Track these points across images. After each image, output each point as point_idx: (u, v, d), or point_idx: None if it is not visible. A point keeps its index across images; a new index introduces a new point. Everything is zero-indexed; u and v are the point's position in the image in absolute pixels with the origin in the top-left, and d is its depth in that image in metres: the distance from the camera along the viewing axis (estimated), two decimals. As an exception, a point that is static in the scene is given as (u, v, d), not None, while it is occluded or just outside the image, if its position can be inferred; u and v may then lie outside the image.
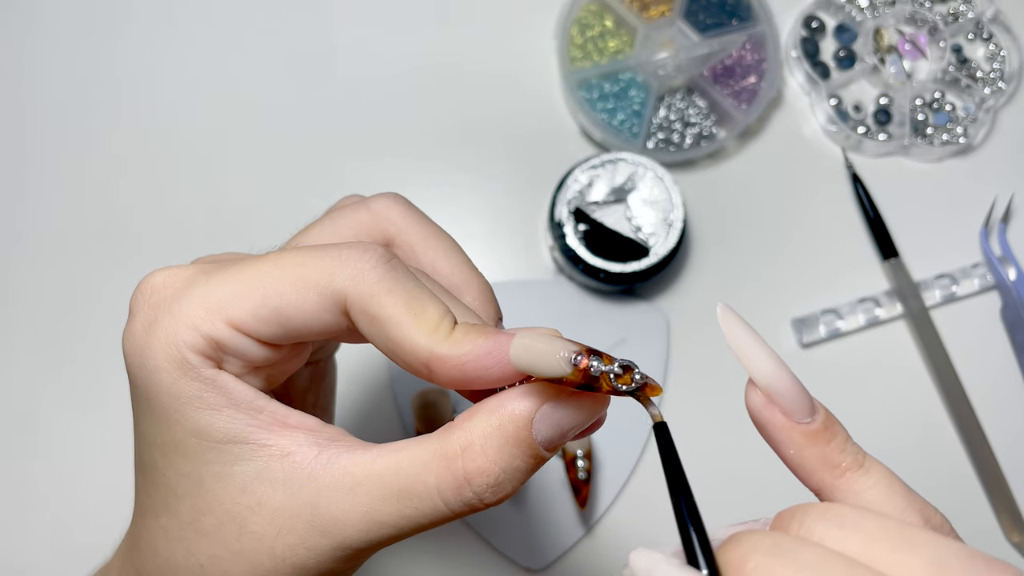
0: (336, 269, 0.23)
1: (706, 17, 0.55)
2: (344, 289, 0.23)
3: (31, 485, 0.49)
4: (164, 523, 0.26)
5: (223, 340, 0.24)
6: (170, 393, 0.24)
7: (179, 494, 0.25)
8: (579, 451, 0.47)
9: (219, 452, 0.24)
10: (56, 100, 0.54)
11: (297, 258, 0.24)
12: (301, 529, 0.24)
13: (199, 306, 0.24)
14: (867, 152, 0.55)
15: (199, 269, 0.25)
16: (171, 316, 0.24)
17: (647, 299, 0.52)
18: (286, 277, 0.23)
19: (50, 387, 0.50)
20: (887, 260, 0.53)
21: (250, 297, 0.23)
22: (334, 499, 0.24)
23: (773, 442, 0.23)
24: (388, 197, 0.29)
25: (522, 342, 0.22)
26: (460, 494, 0.23)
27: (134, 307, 0.25)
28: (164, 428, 0.25)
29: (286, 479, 0.24)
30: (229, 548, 0.25)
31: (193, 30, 0.56)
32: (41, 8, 0.55)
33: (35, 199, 0.53)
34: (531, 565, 0.48)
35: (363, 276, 0.23)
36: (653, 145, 0.53)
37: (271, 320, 0.24)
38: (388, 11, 0.56)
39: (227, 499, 0.25)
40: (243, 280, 0.24)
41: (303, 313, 0.24)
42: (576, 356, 0.22)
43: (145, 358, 0.24)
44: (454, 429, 0.24)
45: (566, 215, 0.49)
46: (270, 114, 0.54)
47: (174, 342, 0.24)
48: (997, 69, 0.56)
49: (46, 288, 0.51)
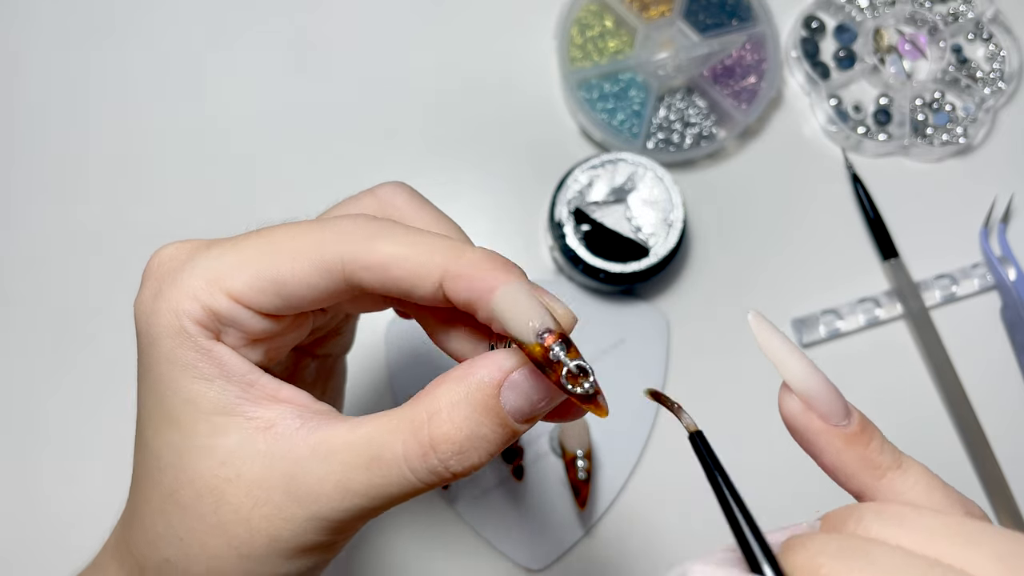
0: (325, 236, 0.24)
1: (706, 17, 0.55)
2: (337, 252, 0.24)
3: (31, 485, 0.49)
4: (148, 496, 0.26)
5: (221, 311, 0.24)
6: (168, 360, 0.25)
7: (162, 466, 0.26)
8: (579, 451, 0.47)
9: (207, 423, 0.25)
10: (57, 100, 0.54)
11: (290, 231, 0.25)
12: (278, 499, 0.25)
13: (200, 277, 0.24)
14: (867, 152, 0.55)
15: (203, 242, 0.25)
16: (174, 286, 0.24)
17: (647, 299, 0.52)
18: (281, 249, 0.24)
19: (50, 387, 0.50)
20: (887, 260, 0.53)
21: (247, 268, 0.24)
22: (310, 468, 0.24)
23: (811, 447, 0.23)
24: (392, 184, 0.30)
25: (512, 290, 0.23)
26: (425, 461, 0.24)
27: (144, 277, 0.26)
28: (159, 397, 0.25)
29: (267, 451, 0.25)
30: (206, 521, 0.25)
31: (193, 30, 0.56)
32: (40, 6, 0.55)
33: (35, 199, 0.53)
34: (531, 565, 0.48)
35: (352, 235, 0.24)
36: (653, 145, 0.53)
37: (268, 291, 0.24)
38: (388, 11, 0.56)
39: (206, 471, 0.25)
40: (240, 252, 0.24)
41: (299, 281, 0.24)
42: (546, 332, 0.22)
43: (150, 325, 0.25)
44: (423, 396, 0.24)
45: (566, 215, 0.49)
46: (270, 114, 0.54)
47: (175, 310, 0.24)
48: (997, 69, 0.56)
49: (46, 288, 0.51)
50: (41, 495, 0.49)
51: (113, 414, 0.50)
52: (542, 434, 0.49)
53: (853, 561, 0.18)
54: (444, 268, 0.23)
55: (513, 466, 0.48)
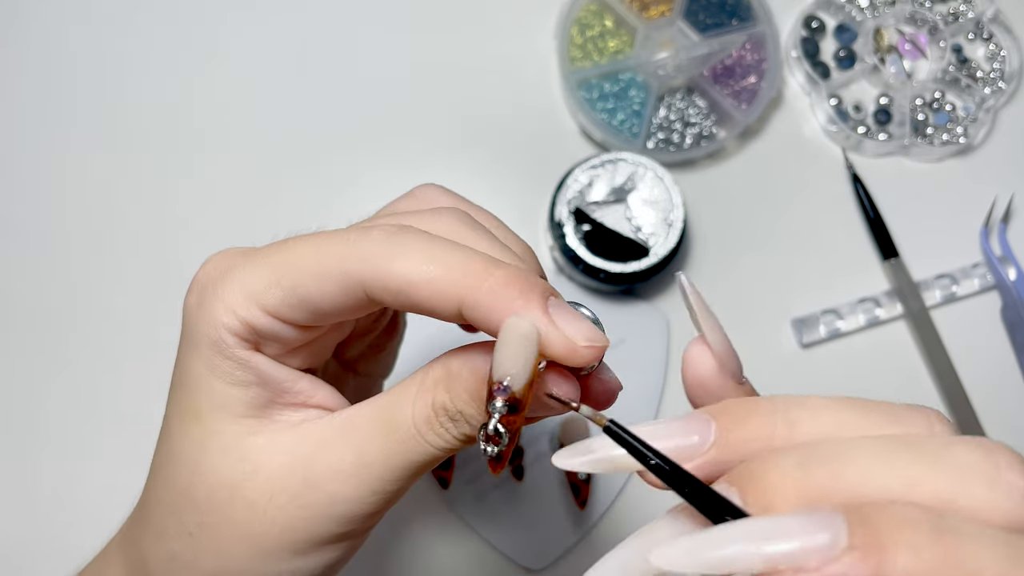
0: (347, 253, 0.24)
1: (706, 17, 0.55)
2: (357, 273, 0.23)
3: (31, 486, 0.49)
4: (161, 492, 0.27)
5: (259, 325, 0.25)
6: (207, 363, 0.25)
7: (182, 460, 0.26)
8: (579, 451, 0.47)
9: (237, 425, 0.25)
10: (57, 97, 0.54)
11: (316, 246, 0.24)
12: (295, 487, 0.25)
13: (238, 291, 0.25)
14: (867, 152, 0.55)
15: (241, 253, 0.26)
16: (215, 298, 0.25)
17: (647, 299, 0.52)
18: (307, 267, 0.24)
19: (49, 388, 0.50)
20: (887, 260, 0.53)
21: (278, 285, 0.24)
22: (332, 448, 0.25)
23: (709, 400, 0.23)
24: (428, 185, 0.31)
25: (511, 329, 0.22)
26: (430, 425, 0.24)
27: (193, 282, 0.26)
28: (190, 395, 0.26)
29: (290, 443, 0.25)
30: (218, 514, 0.25)
31: (193, 30, 0.56)
32: (42, 7, 0.55)
33: (36, 198, 0.53)
34: (531, 565, 0.48)
35: (372, 253, 0.23)
36: (653, 145, 0.53)
37: (300, 307, 0.24)
38: (388, 11, 0.56)
39: (224, 467, 0.25)
40: (272, 269, 0.25)
41: (325, 300, 0.24)
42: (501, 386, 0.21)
43: (193, 330, 0.25)
44: (435, 364, 0.25)
45: (566, 215, 0.49)
46: (270, 114, 0.54)
47: (215, 322, 0.25)
48: (997, 69, 0.56)
49: (46, 288, 0.51)
50: (41, 495, 0.49)
51: (113, 415, 0.50)
52: (542, 434, 0.49)
53: (823, 466, 0.18)
54: (462, 297, 0.23)
55: (513, 466, 0.48)
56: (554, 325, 0.22)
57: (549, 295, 0.23)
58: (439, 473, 0.48)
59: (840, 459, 0.18)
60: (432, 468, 0.26)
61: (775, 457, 0.18)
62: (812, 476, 0.18)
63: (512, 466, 0.48)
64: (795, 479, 0.18)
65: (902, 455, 0.17)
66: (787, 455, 0.18)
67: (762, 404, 0.20)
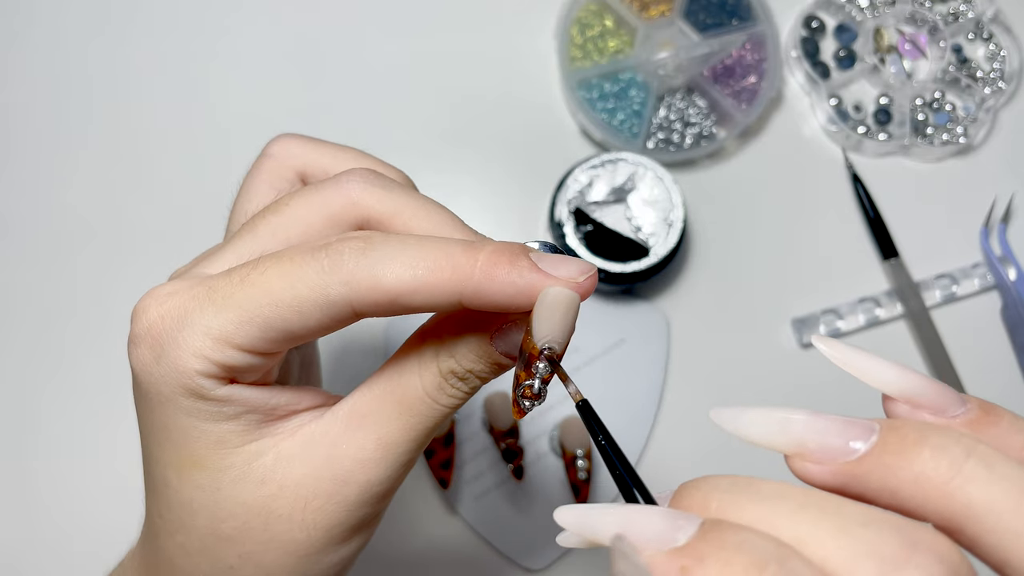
0: (323, 280, 0.23)
1: (706, 17, 0.55)
2: (343, 296, 0.23)
3: (32, 485, 0.49)
4: (181, 540, 0.26)
5: (233, 363, 0.24)
6: (187, 413, 0.25)
7: (194, 509, 0.26)
8: (579, 451, 0.47)
9: (239, 455, 0.25)
10: (54, 99, 0.54)
11: (284, 275, 0.23)
12: (326, 487, 0.25)
13: (203, 335, 0.24)
14: (867, 152, 0.55)
15: (190, 296, 0.24)
16: (176, 347, 0.24)
17: (647, 299, 0.52)
18: (283, 301, 0.23)
19: (50, 388, 0.50)
20: (887, 260, 0.53)
21: (253, 324, 0.24)
22: (349, 440, 0.25)
23: None
24: (281, 138, 0.30)
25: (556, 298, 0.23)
26: (442, 389, 0.25)
27: (136, 337, 0.25)
28: (181, 447, 0.25)
29: (301, 450, 0.25)
30: (257, 540, 0.25)
31: (192, 30, 0.56)
32: (42, 5, 0.55)
33: (35, 198, 0.53)
34: (531, 565, 0.48)
35: (351, 275, 0.23)
36: (653, 145, 0.53)
37: (279, 339, 0.24)
38: (388, 11, 0.56)
39: (248, 496, 0.25)
40: (239, 308, 0.24)
41: (309, 327, 0.24)
42: (549, 348, 0.23)
43: (158, 388, 0.24)
44: (426, 335, 0.26)
45: (566, 215, 0.49)
46: (269, 114, 0.54)
47: (185, 371, 0.24)
48: (997, 69, 0.56)
49: (45, 288, 0.51)
50: (40, 495, 0.49)
51: (113, 415, 0.50)
52: (542, 434, 0.49)
53: (740, 494, 0.18)
54: (459, 290, 0.23)
55: (513, 466, 0.48)
56: (553, 276, 0.23)
57: (528, 252, 0.23)
58: (439, 473, 0.48)
59: (759, 496, 0.18)
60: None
61: (710, 479, 0.19)
62: (721, 497, 0.18)
63: (512, 466, 0.48)
64: (707, 496, 0.18)
65: (817, 513, 0.17)
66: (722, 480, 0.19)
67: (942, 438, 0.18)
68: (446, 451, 0.48)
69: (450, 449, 0.48)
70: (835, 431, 0.19)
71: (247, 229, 0.26)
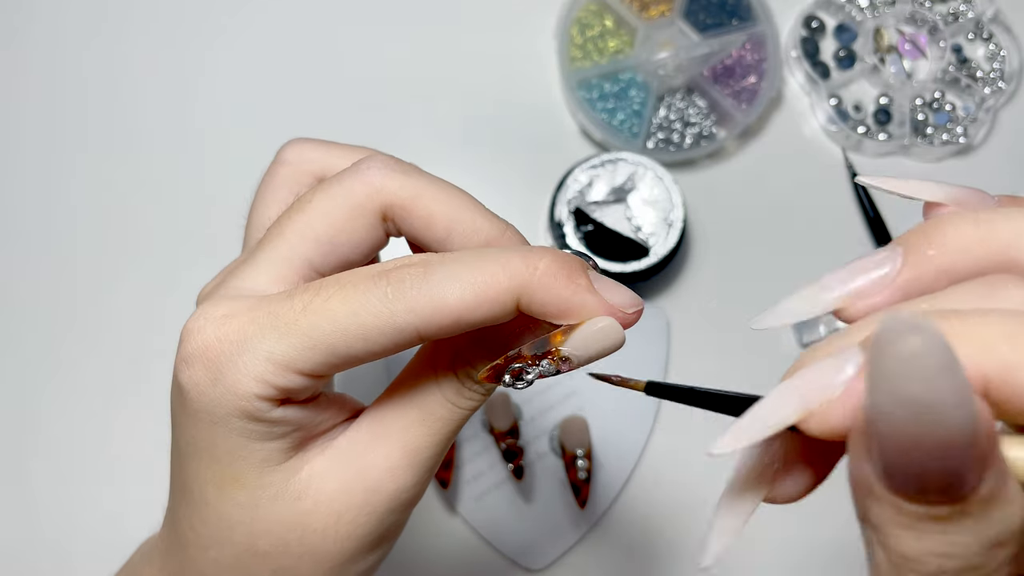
0: (388, 308, 0.23)
1: (706, 17, 0.55)
2: (408, 324, 0.23)
3: (32, 485, 0.49)
4: (215, 555, 0.26)
5: (295, 387, 0.24)
6: (239, 433, 0.25)
7: (232, 524, 0.26)
8: (579, 451, 0.47)
9: (278, 473, 0.25)
10: (58, 101, 0.54)
11: (347, 306, 0.23)
12: (359, 500, 0.26)
13: (265, 361, 0.24)
14: (867, 152, 0.55)
15: (250, 320, 0.24)
16: (237, 371, 0.24)
17: (647, 299, 0.52)
18: (348, 329, 0.23)
19: (50, 388, 0.50)
20: (887, 260, 0.53)
21: (316, 351, 0.24)
22: (376, 450, 0.26)
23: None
24: (293, 143, 0.30)
25: (606, 330, 0.24)
26: (460, 394, 0.26)
27: (189, 355, 0.25)
28: (225, 465, 0.25)
29: (332, 463, 0.26)
30: (293, 554, 0.26)
31: (192, 31, 0.56)
32: (41, 6, 0.55)
33: (35, 199, 0.53)
34: (531, 565, 0.48)
35: (416, 304, 0.23)
36: (653, 145, 0.53)
37: (342, 364, 0.24)
38: (388, 11, 0.56)
39: (285, 512, 0.25)
40: (303, 335, 0.24)
41: (374, 353, 0.24)
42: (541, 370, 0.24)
43: (213, 408, 0.24)
44: (441, 344, 0.26)
45: (566, 215, 0.49)
46: (269, 115, 0.54)
47: (244, 395, 0.24)
48: (997, 69, 0.56)
49: (45, 289, 0.51)
50: (41, 494, 0.49)
51: (113, 414, 0.50)
52: (542, 434, 0.49)
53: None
54: (518, 299, 0.23)
55: (513, 466, 0.48)
56: (607, 303, 0.24)
57: (587, 269, 0.24)
58: (439, 473, 0.48)
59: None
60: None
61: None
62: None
63: (512, 466, 0.48)
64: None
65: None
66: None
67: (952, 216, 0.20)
68: (446, 451, 0.48)
69: (450, 449, 0.48)
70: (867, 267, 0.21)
71: (275, 233, 0.26)
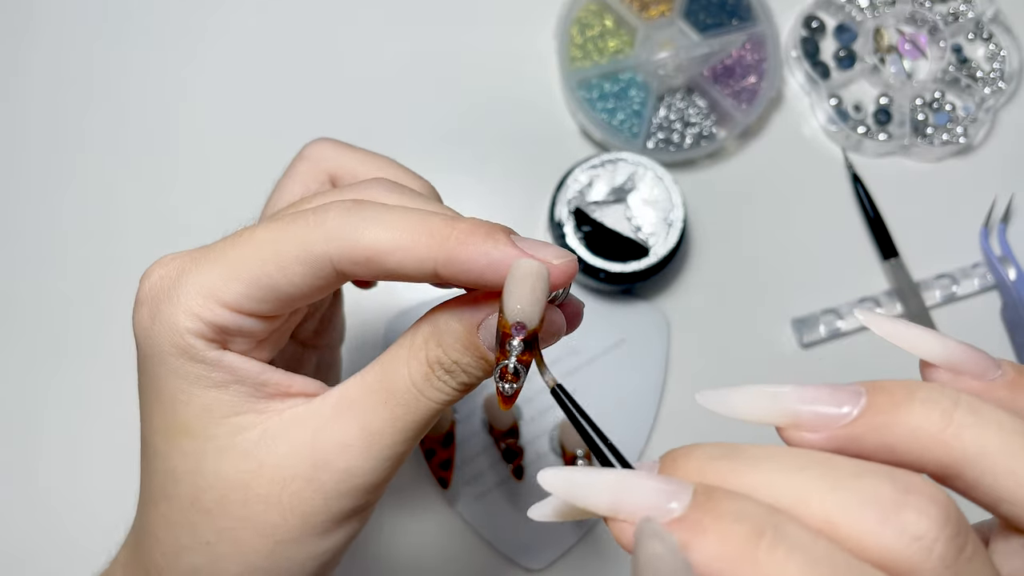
0: (306, 235, 0.24)
1: (706, 17, 0.55)
2: (324, 251, 0.24)
3: (32, 485, 0.49)
4: (163, 510, 0.26)
5: (223, 323, 0.24)
6: (178, 375, 0.25)
7: (178, 477, 0.26)
8: (579, 451, 0.47)
9: (224, 426, 0.25)
10: (54, 100, 0.54)
11: (272, 232, 0.24)
12: (305, 471, 0.25)
13: (195, 293, 0.24)
14: (867, 152, 0.55)
15: (189, 257, 0.25)
16: (171, 305, 0.24)
17: (647, 299, 0.52)
18: (267, 254, 0.24)
19: (49, 388, 0.50)
20: (887, 260, 0.53)
21: (238, 279, 0.24)
22: (333, 425, 0.25)
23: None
24: (317, 141, 0.32)
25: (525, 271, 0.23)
26: (429, 381, 0.25)
27: (138, 300, 0.26)
28: (170, 411, 0.25)
29: (287, 429, 0.25)
30: (235, 516, 0.25)
31: (192, 31, 0.56)
32: (41, 7, 0.55)
33: (34, 199, 0.53)
34: (531, 565, 0.48)
35: (334, 232, 0.24)
36: (653, 145, 0.53)
37: (264, 297, 0.24)
38: (387, 11, 0.56)
39: (229, 469, 0.25)
40: (228, 264, 0.24)
41: (291, 284, 0.24)
42: (519, 324, 0.23)
43: (152, 346, 0.25)
44: (422, 324, 0.26)
45: (566, 215, 0.49)
46: (268, 114, 0.54)
47: (176, 329, 0.24)
48: (997, 69, 0.56)
49: (45, 289, 0.51)
50: (38, 496, 0.49)
51: (113, 414, 0.50)
52: (542, 434, 0.49)
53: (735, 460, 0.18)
54: (434, 256, 0.23)
55: (513, 466, 0.48)
56: (527, 253, 0.23)
57: (510, 232, 0.24)
58: (439, 473, 0.48)
59: (754, 461, 0.18)
60: (433, 424, 0.27)
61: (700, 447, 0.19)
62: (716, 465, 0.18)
63: (512, 466, 0.48)
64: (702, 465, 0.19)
65: (812, 472, 0.18)
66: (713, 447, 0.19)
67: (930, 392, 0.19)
68: (446, 451, 0.48)
69: (450, 449, 0.48)
70: (825, 398, 0.20)
71: (270, 220, 0.27)
